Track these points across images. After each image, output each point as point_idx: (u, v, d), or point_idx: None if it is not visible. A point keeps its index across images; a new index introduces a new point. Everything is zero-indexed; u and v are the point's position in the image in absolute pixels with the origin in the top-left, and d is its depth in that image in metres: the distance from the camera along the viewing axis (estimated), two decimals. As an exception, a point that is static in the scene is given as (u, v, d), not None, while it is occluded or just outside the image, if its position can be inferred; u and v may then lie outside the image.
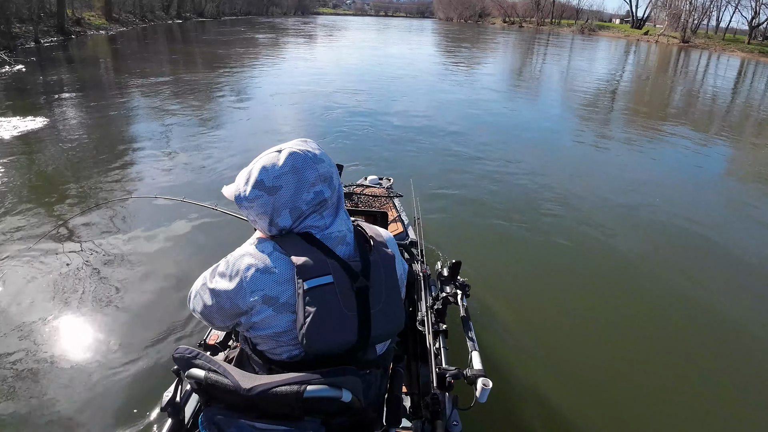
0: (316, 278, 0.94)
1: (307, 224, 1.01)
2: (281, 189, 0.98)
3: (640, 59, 28.08)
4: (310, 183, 0.99)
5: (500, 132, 7.99)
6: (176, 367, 1.04)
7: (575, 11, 62.96)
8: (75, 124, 7.04)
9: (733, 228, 4.77)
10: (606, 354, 2.81)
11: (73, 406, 2.18)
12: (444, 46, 27.35)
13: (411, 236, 2.72)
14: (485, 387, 1.34)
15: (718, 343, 2.99)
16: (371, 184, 3.44)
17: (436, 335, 1.70)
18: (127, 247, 3.51)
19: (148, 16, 31.23)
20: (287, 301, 0.97)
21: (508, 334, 2.83)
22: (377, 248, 1.05)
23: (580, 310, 3.20)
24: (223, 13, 46.56)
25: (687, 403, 2.50)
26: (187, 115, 7.80)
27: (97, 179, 4.83)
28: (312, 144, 1.05)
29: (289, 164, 0.98)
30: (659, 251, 4.10)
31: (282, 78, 12.30)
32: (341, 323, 0.95)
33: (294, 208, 0.99)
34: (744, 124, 10.90)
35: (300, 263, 0.95)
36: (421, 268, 2.15)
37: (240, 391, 0.91)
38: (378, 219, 2.27)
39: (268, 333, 0.99)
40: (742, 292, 3.56)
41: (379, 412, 1.17)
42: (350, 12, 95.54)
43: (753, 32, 41.93)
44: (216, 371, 0.96)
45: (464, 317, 1.72)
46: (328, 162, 1.04)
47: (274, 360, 1.02)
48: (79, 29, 20.75)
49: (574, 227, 4.40)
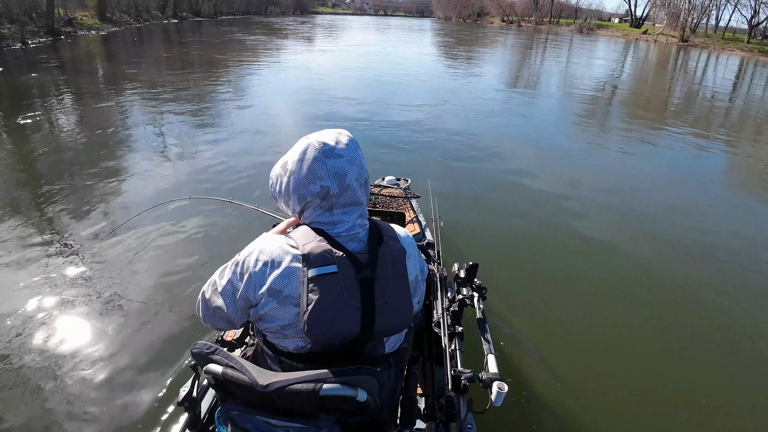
0: (320, 267, 0.95)
1: (315, 219, 1.05)
2: (294, 174, 1.03)
3: (641, 59, 27.84)
4: (317, 175, 1.01)
5: (518, 136, 7.87)
6: (194, 362, 1.07)
7: (574, 10, 62.79)
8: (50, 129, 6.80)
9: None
10: (624, 361, 2.74)
11: (91, 399, 2.20)
12: (446, 48, 27.13)
13: (428, 237, 2.72)
14: (501, 391, 1.32)
15: (735, 352, 2.91)
16: (389, 185, 3.43)
17: (452, 337, 1.70)
18: (148, 246, 3.53)
19: (143, 16, 30.96)
20: (290, 294, 0.97)
21: (524, 337, 2.78)
22: (387, 243, 1.05)
23: (598, 316, 3.14)
24: (221, 13, 46.26)
25: (706, 411, 2.42)
26: (173, 127, 7.55)
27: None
28: (342, 137, 1.05)
29: (303, 153, 1.03)
30: (680, 259, 4.00)
31: (285, 82, 11.96)
32: (343, 313, 0.95)
33: (300, 195, 1.03)
34: (746, 123, 10.68)
35: (306, 252, 0.97)
36: (438, 270, 2.13)
37: (256, 387, 0.91)
38: (395, 220, 2.25)
39: (274, 326, 1.00)
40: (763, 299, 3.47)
41: (394, 412, 1.17)
42: (349, 11, 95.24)
43: (752, 31, 41.72)
44: (233, 367, 0.96)
45: (480, 319, 1.69)
46: (348, 159, 1.03)
47: (282, 352, 1.03)
48: (69, 29, 20.36)
49: (594, 233, 4.35)
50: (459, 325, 1.76)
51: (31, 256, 3.33)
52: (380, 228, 1.08)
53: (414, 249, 1.14)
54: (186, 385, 1.32)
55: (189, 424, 1.33)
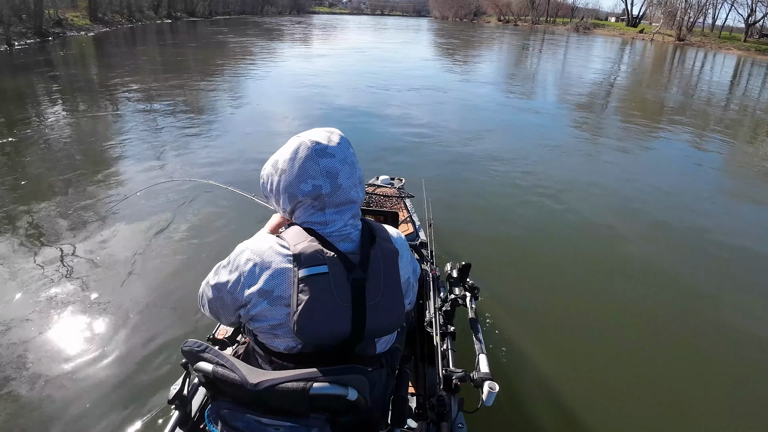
0: (311, 267, 0.94)
1: (306, 219, 1.03)
2: (285, 173, 1.02)
3: (636, 60, 27.70)
4: (309, 175, 0.99)
5: (514, 136, 7.79)
6: (184, 360, 1.06)
7: (570, 9, 62.69)
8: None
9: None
10: (616, 361, 2.72)
11: (81, 397, 2.18)
12: (445, 50, 26.92)
13: (421, 237, 2.72)
14: (492, 390, 1.33)
15: (734, 351, 2.87)
16: (383, 184, 3.43)
17: (444, 337, 1.70)
18: (138, 240, 3.53)
19: (136, 16, 30.69)
20: (281, 294, 0.96)
21: (516, 337, 2.77)
22: (380, 244, 1.03)
23: (590, 316, 3.13)
24: (216, 12, 46.00)
25: (698, 409, 2.41)
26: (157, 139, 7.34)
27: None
28: (333, 136, 1.03)
29: (295, 152, 1.01)
30: (678, 258, 3.96)
31: (284, 81, 11.80)
32: (333, 313, 0.94)
33: (291, 195, 1.02)
34: (743, 122, 10.51)
35: (297, 252, 0.96)
36: (431, 269, 2.14)
37: (247, 385, 0.90)
38: (389, 219, 2.30)
39: (264, 326, 0.99)
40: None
41: (385, 411, 1.16)
42: (346, 11, 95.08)
43: (749, 30, 41.66)
44: (224, 365, 0.95)
45: (472, 319, 1.70)
46: (341, 158, 1.01)
47: (273, 351, 1.02)
48: (58, 30, 20.00)
49: (588, 232, 4.34)
50: (451, 324, 1.76)
51: (20, 250, 3.32)
52: (373, 228, 1.07)
53: (407, 250, 1.13)
54: (176, 383, 1.31)
55: (179, 422, 1.33)
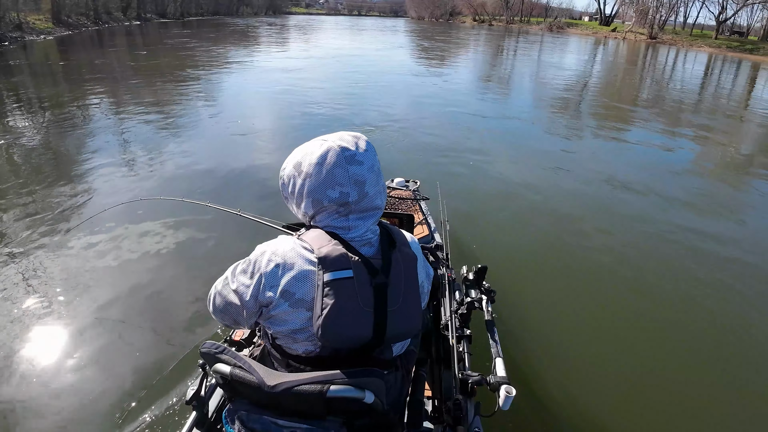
0: (336, 271, 0.93)
1: (329, 223, 1.01)
2: (310, 178, 0.99)
3: (611, 56, 27.99)
4: (337, 181, 0.97)
5: (529, 141, 7.69)
6: (202, 361, 1.08)
7: (544, 9, 63.43)
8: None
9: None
10: (635, 366, 2.66)
11: (99, 396, 2.20)
12: (427, 51, 26.66)
13: (437, 240, 2.69)
14: (508, 395, 1.31)
15: (744, 352, 2.85)
16: (398, 187, 3.41)
17: (460, 340, 1.69)
18: (149, 246, 3.52)
19: (103, 18, 29.69)
20: (303, 297, 0.95)
21: (533, 341, 2.73)
22: (400, 248, 1.03)
23: (609, 321, 3.07)
24: (188, 14, 44.91)
25: (719, 416, 2.36)
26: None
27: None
28: (361, 142, 1.02)
29: (323, 157, 0.98)
30: (696, 267, 3.87)
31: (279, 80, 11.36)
32: (357, 318, 0.94)
33: (316, 200, 1.00)
34: (716, 117, 10.55)
35: (322, 255, 0.95)
36: (447, 272, 2.12)
37: (264, 387, 0.91)
38: (404, 221, 2.28)
39: (284, 329, 0.98)
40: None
41: (401, 414, 1.16)
42: (323, 11, 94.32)
43: (720, 27, 42.70)
44: (241, 367, 0.95)
45: (489, 322, 1.68)
46: (369, 166, 1.00)
47: (291, 355, 1.01)
48: (17, 35, 19.08)
49: (606, 237, 4.24)
50: (467, 327, 1.75)
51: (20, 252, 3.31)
52: (391, 233, 1.06)
53: (421, 254, 1.13)
54: (194, 384, 1.31)
55: (196, 422, 1.34)
